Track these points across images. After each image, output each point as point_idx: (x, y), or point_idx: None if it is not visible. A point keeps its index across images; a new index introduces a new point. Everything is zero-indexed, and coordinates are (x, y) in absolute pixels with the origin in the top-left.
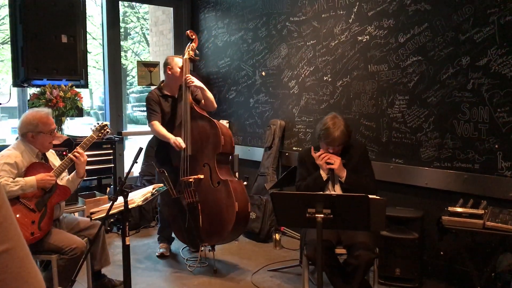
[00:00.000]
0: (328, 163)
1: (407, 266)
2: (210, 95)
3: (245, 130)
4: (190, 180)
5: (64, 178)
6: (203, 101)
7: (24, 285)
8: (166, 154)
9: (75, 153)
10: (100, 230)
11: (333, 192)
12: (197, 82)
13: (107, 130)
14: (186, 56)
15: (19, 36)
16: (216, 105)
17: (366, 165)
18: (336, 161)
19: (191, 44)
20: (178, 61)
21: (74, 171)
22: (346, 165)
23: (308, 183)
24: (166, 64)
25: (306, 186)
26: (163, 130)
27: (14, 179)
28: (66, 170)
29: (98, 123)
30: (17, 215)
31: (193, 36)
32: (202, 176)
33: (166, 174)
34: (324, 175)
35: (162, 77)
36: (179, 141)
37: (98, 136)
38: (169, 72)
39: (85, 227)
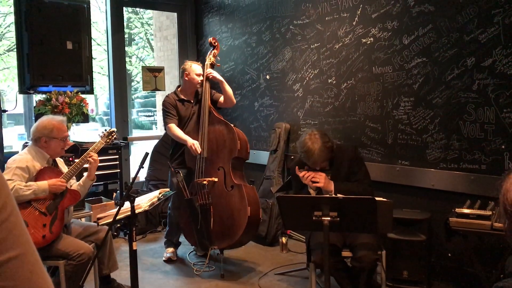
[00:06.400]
0: (313, 182)
1: (414, 268)
2: (229, 89)
3: (250, 134)
4: (205, 182)
5: (74, 185)
6: (221, 98)
7: None
8: (181, 156)
9: (92, 158)
10: (107, 234)
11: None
12: (216, 74)
13: (115, 136)
14: (207, 62)
15: (25, 43)
16: (235, 101)
17: (359, 167)
18: (320, 178)
19: (213, 51)
20: (195, 68)
21: (84, 177)
22: (337, 175)
23: None
24: (183, 69)
25: None
26: (180, 133)
27: (26, 183)
28: (74, 177)
29: (106, 130)
30: (29, 218)
31: (216, 43)
32: (216, 179)
33: (181, 175)
34: (313, 192)
35: (167, 82)
36: (196, 146)
37: (106, 142)
38: (186, 78)
39: (93, 231)
